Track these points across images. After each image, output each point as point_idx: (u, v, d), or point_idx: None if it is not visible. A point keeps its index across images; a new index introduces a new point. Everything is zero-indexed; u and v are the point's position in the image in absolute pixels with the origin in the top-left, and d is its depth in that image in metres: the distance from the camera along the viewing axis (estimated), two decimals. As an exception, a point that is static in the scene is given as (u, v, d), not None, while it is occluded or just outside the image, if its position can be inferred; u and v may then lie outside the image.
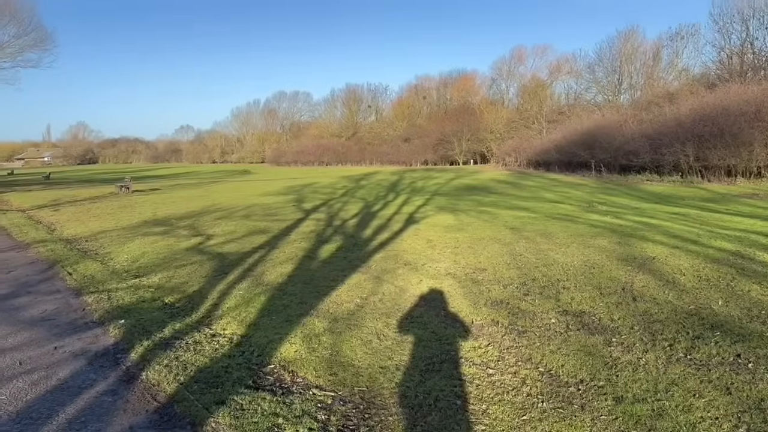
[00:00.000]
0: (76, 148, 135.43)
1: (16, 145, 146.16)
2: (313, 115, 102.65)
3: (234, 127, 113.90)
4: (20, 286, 6.70)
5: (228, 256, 8.35)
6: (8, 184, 39.10)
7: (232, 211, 15.00)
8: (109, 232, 11.65)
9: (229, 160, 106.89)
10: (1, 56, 25.42)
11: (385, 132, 75.35)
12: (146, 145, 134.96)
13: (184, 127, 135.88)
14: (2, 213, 16.95)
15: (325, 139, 79.93)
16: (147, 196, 22.63)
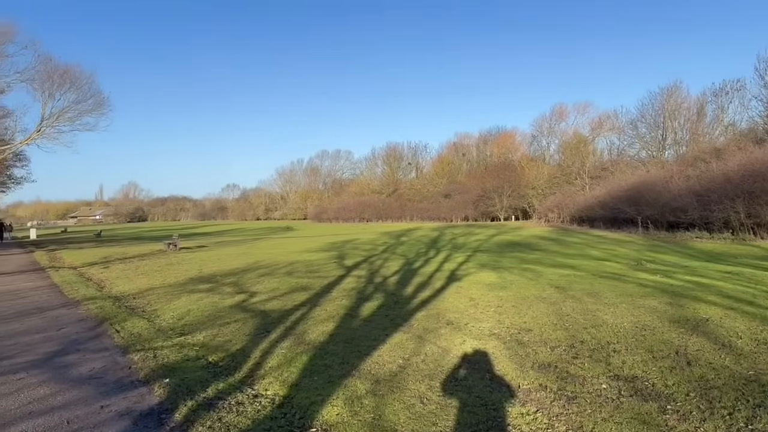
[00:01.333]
0: (127, 206, 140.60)
1: (70, 203, 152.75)
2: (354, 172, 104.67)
3: (278, 185, 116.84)
4: (70, 343, 6.84)
5: (270, 314, 8.38)
6: (61, 242, 40.61)
7: (275, 268, 15.15)
8: (157, 289, 11.90)
9: (272, 217, 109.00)
10: (62, 121, 26.87)
11: (425, 188, 75.88)
12: (194, 203, 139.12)
13: (230, 186, 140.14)
14: (55, 270, 17.54)
15: (366, 196, 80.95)
16: (194, 253, 23.12)
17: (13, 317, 8.98)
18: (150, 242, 33.61)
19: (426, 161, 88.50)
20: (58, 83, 26.16)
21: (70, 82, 26.52)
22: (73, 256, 23.73)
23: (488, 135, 78.34)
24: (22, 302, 10.72)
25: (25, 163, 35.42)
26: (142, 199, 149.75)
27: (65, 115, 26.79)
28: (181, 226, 78.62)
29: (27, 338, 7.24)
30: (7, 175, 35.14)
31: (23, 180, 37.01)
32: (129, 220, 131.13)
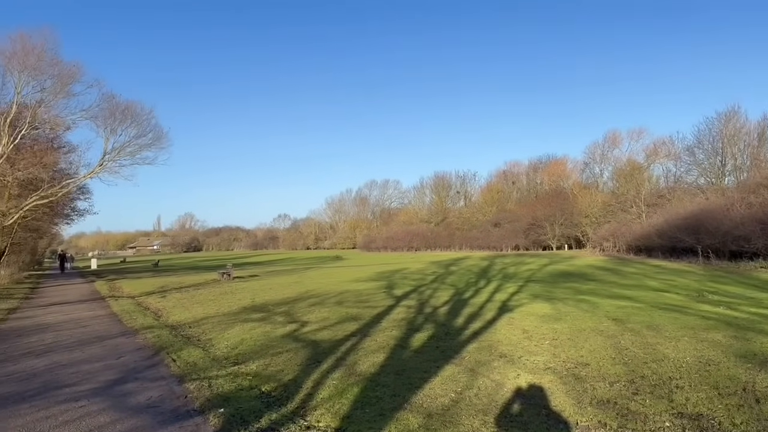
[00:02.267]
0: (183, 236, 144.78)
1: (129, 234, 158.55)
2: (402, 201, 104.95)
3: (327, 215, 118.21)
4: (129, 372, 7.03)
5: (321, 344, 8.41)
6: (120, 272, 42.08)
7: (325, 298, 15.24)
8: (211, 318, 12.14)
9: (322, 247, 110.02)
10: (123, 155, 27.97)
11: (474, 217, 75.27)
12: (246, 233, 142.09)
13: (281, 216, 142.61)
14: (114, 300, 18.16)
15: (415, 225, 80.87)
16: (246, 282, 23.54)
17: (76, 345, 9.31)
18: (205, 272, 34.42)
19: (475, 189, 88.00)
20: (120, 119, 27.36)
21: (131, 119, 27.71)
22: (131, 286, 24.54)
23: (538, 162, 77.43)
24: (83, 331, 11.11)
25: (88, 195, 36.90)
26: (197, 230, 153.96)
27: (126, 150, 27.91)
28: (234, 256, 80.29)
29: (88, 366, 7.48)
30: (71, 207, 36.69)
31: (86, 212, 38.53)
32: (185, 250, 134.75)
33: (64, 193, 27.94)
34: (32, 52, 23.38)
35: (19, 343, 9.87)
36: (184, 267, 46.48)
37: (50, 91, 24.58)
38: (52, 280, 35.55)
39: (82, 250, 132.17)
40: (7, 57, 23.15)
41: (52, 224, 40.42)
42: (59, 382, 6.56)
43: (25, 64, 23.27)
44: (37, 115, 24.56)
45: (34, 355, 8.60)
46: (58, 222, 41.13)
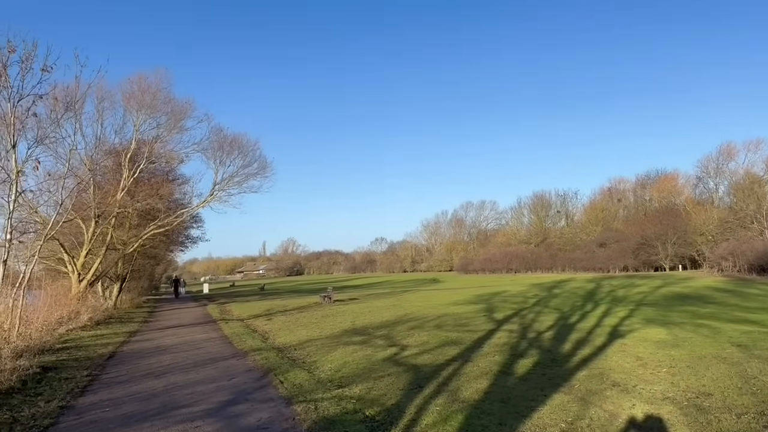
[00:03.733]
0: (286, 261, 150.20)
1: (237, 259, 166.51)
2: (500, 222, 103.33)
3: (423, 237, 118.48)
4: (239, 393, 7.31)
5: (422, 369, 8.36)
6: (230, 295, 44.23)
7: (424, 321, 15.18)
8: (315, 341, 12.44)
9: (418, 269, 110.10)
10: (231, 185, 29.63)
11: (577, 237, 72.53)
12: (345, 257, 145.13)
13: (378, 239, 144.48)
14: (225, 322, 19.07)
15: (513, 246, 79.02)
16: (346, 305, 23.95)
17: (191, 367, 9.83)
18: (307, 295, 35.44)
19: (577, 208, 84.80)
20: (228, 151, 29.06)
21: (238, 150, 29.35)
22: (240, 309, 25.71)
23: (646, 178, 73.57)
24: (197, 353, 11.73)
25: (200, 224, 39.47)
26: (299, 254, 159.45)
27: (234, 180, 29.55)
28: (333, 279, 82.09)
29: (202, 387, 7.86)
30: (185, 235, 39.28)
31: (198, 239, 41.18)
32: (288, 274, 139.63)
33: (179, 222, 29.92)
34: (148, 91, 25.40)
35: (140, 364, 10.56)
36: (288, 290, 48.12)
37: (165, 127, 26.56)
38: (168, 304, 37.92)
39: (194, 275, 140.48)
40: (126, 97, 25.27)
41: (168, 251, 43.36)
42: (176, 403, 6.94)
43: (142, 103, 25.30)
44: (153, 150, 26.56)
45: (154, 375, 9.17)
46: (174, 249, 44.10)
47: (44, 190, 18.99)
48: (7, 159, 12.30)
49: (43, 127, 14.00)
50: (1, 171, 12.34)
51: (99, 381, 8.94)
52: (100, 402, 7.27)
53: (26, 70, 11.63)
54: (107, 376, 9.43)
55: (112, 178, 25.81)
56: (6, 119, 11.90)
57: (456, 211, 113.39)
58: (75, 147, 21.47)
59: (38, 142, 13.54)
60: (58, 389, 8.13)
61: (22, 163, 12.57)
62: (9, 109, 11.77)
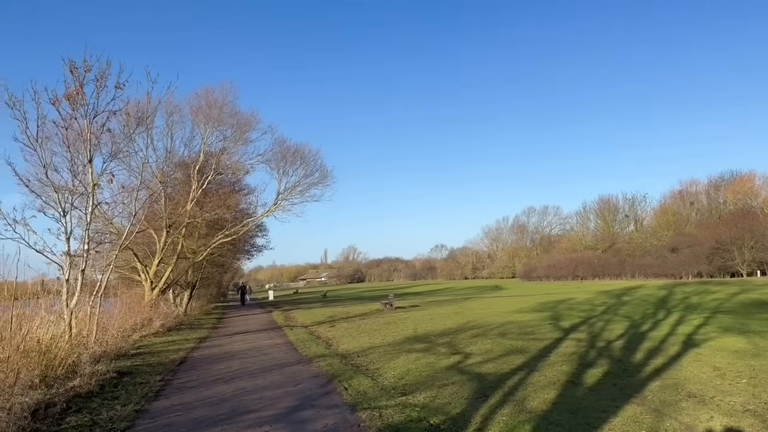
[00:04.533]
0: (347, 268, 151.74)
1: (300, 267, 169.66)
2: (564, 228, 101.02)
3: (484, 244, 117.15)
4: (305, 399, 7.42)
5: (487, 377, 8.23)
6: (294, 302, 45.02)
7: (487, 329, 14.97)
8: (377, 348, 12.48)
9: (480, 276, 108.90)
10: (293, 194, 30.28)
11: (647, 242, 69.88)
12: (405, 264, 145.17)
13: (438, 246, 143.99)
14: (290, 329, 19.42)
15: (579, 253, 76.95)
16: (408, 312, 23.93)
17: (258, 372, 10.06)
18: (368, 302, 35.65)
19: (646, 212, 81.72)
20: (291, 161, 29.72)
21: (300, 160, 29.96)
22: (304, 316, 26.14)
23: (720, 180, 70.21)
24: (264, 358, 11.99)
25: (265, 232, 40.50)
26: (360, 261, 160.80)
27: (296, 189, 30.18)
28: (394, 286, 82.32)
29: (270, 393, 8.02)
30: (251, 243, 40.36)
31: (263, 248, 42.27)
32: (349, 281, 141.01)
33: (245, 231, 30.77)
34: (215, 105, 26.31)
35: (210, 369, 10.89)
36: (350, 297, 48.55)
37: (231, 139, 27.44)
38: (235, 310, 39.02)
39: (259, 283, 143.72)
40: (194, 111, 26.28)
41: (234, 259, 44.65)
42: (245, 408, 7.10)
43: (209, 117, 26.22)
44: (220, 162, 27.46)
45: (223, 381, 9.43)
46: (240, 257, 45.39)
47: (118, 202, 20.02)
48: (84, 173, 12.99)
49: (117, 141, 14.74)
50: (79, 184, 13.03)
51: (171, 386, 9.26)
52: (173, 406, 7.53)
53: (101, 87, 12.31)
54: (179, 381, 9.77)
55: (182, 189, 26.83)
56: (83, 135, 12.59)
57: (518, 216, 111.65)
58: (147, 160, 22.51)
59: (112, 156, 14.28)
60: (133, 393, 8.48)
61: (98, 176, 13.26)
62: (85, 125, 12.45)
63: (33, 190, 13.07)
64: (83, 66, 11.93)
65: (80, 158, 12.94)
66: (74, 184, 12.89)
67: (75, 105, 12.12)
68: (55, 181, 12.66)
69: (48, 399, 7.42)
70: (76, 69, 11.90)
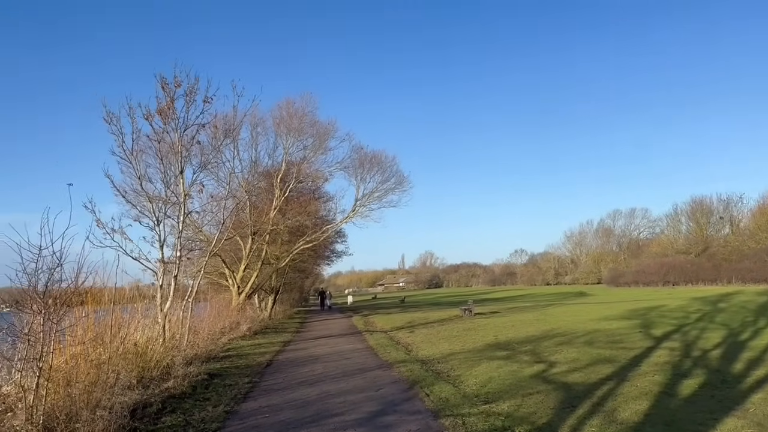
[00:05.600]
0: (425, 273, 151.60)
1: (378, 272, 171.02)
2: (653, 231, 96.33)
3: (567, 249, 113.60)
4: (387, 404, 7.46)
5: (573, 387, 7.96)
6: (373, 307, 45.47)
7: (572, 337, 14.51)
8: (457, 354, 12.38)
9: (562, 282, 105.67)
10: (371, 200, 30.67)
11: (744, 245, 65.35)
12: (484, 269, 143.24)
13: (518, 251, 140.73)
14: (369, 333, 19.63)
15: (670, 257, 73.03)
16: (488, 319, 23.59)
17: (341, 376, 10.23)
18: (447, 308, 35.42)
19: (743, 214, 76.39)
20: (368, 168, 30.13)
21: (377, 166, 30.32)
22: (383, 321, 26.34)
23: (826, 177, 65.00)
24: (346, 363, 12.18)
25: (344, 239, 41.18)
26: (437, 267, 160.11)
27: (374, 195, 30.56)
28: (473, 292, 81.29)
29: (352, 397, 8.14)
30: (331, 249, 41.13)
31: (342, 253, 42.98)
32: (427, 287, 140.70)
33: (325, 237, 31.43)
34: (295, 115, 27.13)
35: (295, 372, 11.18)
36: (428, 303, 48.47)
37: (311, 148, 28.22)
38: (316, 315, 39.88)
39: (339, 288, 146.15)
40: (276, 122, 27.22)
41: (315, 265, 45.68)
42: (329, 411, 7.23)
43: (290, 127, 27.07)
44: (301, 171, 28.26)
45: (307, 384, 9.65)
46: (320, 263, 46.37)
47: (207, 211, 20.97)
48: (176, 184, 13.72)
49: (206, 153, 15.44)
50: (171, 194, 13.77)
51: (258, 388, 9.59)
52: (260, 408, 7.79)
53: (190, 102, 12.97)
54: (266, 383, 10.09)
55: (265, 197, 27.81)
56: (174, 148, 13.29)
57: (603, 220, 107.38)
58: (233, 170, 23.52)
59: (202, 167, 14.97)
60: (223, 395, 8.83)
61: (188, 186, 13.95)
62: (176, 138, 13.14)
63: (129, 200, 13.96)
64: (174, 82, 12.63)
65: (172, 170, 13.68)
66: (167, 194, 13.65)
67: (167, 119, 12.84)
68: (150, 192, 13.45)
69: (145, 399, 7.86)
70: (167, 85, 12.61)
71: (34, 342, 5.93)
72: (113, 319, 9.08)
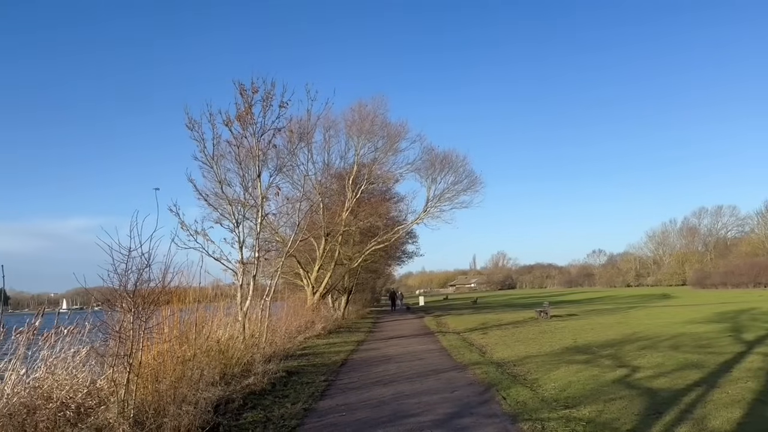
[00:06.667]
0: (497, 274, 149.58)
1: (449, 273, 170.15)
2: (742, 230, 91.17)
3: (648, 249, 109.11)
4: (463, 406, 7.38)
5: (659, 393, 7.60)
6: (444, 308, 45.28)
7: (656, 341, 13.87)
8: (534, 357, 12.09)
9: (644, 284, 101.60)
10: (442, 201, 30.53)
11: None
12: (559, 270, 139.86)
13: (595, 252, 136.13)
14: (442, 334, 19.54)
15: (761, 257, 68.80)
16: (564, 321, 22.95)
17: (415, 377, 10.23)
18: (521, 309, 34.78)
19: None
20: (439, 169, 30.03)
21: (449, 167, 30.15)
22: (455, 322, 26.16)
23: None
24: (420, 363, 12.18)
25: (415, 239, 41.31)
26: (510, 267, 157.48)
27: (445, 196, 30.41)
28: (548, 294, 79.39)
29: (427, 398, 8.11)
30: (402, 250, 41.31)
31: (413, 254, 43.10)
32: (499, 288, 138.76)
33: (396, 238, 31.56)
34: (367, 118, 27.41)
35: (369, 372, 11.29)
36: (500, 304, 47.76)
37: (382, 149, 28.42)
38: (388, 315, 40.14)
39: (409, 289, 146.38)
40: (348, 125, 27.60)
41: (386, 266, 46.03)
42: (404, 412, 7.24)
43: (362, 129, 27.37)
44: (372, 172, 28.53)
45: (382, 383, 9.72)
46: (391, 263, 46.69)
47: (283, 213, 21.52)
48: (254, 187, 14.17)
49: (281, 157, 15.85)
50: (249, 197, 14.23)
51: (334, 386, 9.74)
52: (337, 406, 7.91)
53: (267, 107, 13.35)
54: (341, 382, 10.24)
55: (337, 199, 28.26)
56: (252, 152, 13.73)
57: (687, 218, 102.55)
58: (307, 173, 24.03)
59: (278, 170, 15.39)
60: (301, 392, 9.03)
61: (265, 189, 14.37)
62: (254, 143, 13.56)
63: (210, 203, 14.54)
64: (251, 88, 13.04)
65: (250, 173, 14.15)
66: (245, 197, 14.13)
67: (245, 124, 13.30)
68: (229, 195, 13.97)
69: (227, 395, 8.14)
70: (245, 91, 13.04)
71: (124, 339, 6.26)
72: (197, 317, 9.48)
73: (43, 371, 6.59)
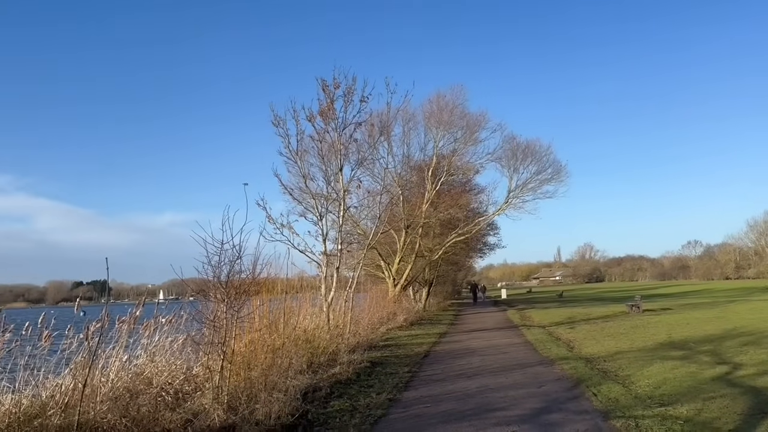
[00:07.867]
0: (584, 267, 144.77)
1: (532, 266, 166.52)
2: None
3: (750, 239, 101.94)
4: (551, 402, 7.19)
5: (764, 392, 7.09)
6: (528, 302, 44.37)
7: (760, 337, 12.95)
8: (625, 353, 11.59)
9: (745, 276, 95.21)
10: (525, 191, 29.82)
11: None
12: (651, 263, 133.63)
13: (691, 243, 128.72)
14: (526, 328, 19.15)
15: None
16: (658, 316, 21.86)
17: (499, 371, 10.09)
18: (610, 303, 33.48)
19: None
20: (521, 158, 29.32)
21: (531, 156, 29.37)
22: (540, 315, 25.57)
23: None
24: (504, 357, 12.00)
25: (496, 231, 40.54)
26: (597, 260, 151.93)
27: (528, 186, 29.68)
28: (639, 287, 76.08)
29: (513, 392, 7.98)
30: (483, 242, 40.70)
31: (495, 246, 42.32)
32: (586, 281, 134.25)
33: (477, 230, 31.20)
34: (446, 109, 27.19)
35: (453, 364, 11.24)
36: (588, 298, 46.19)
37: (461, 140, 28.12)
38: (469, 308, 39.83)
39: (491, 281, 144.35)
40: (427, 116, 27.49)
41: (467, 258, 45.53)
42: (490, 405, 7.15)
43: (440, 121, 27.19)
44: (452, 163, 28.32)
45: (466, 376, 9.65)
46: (472, 256, 46.12)
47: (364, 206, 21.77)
48: (336, 181, 14.43)
49: (362, 150, 16.01)
50: (332, 191, 14.52)
51: (418, 378, 9.77)
52: (421, 398, 7.93)
53: (348, 102, 13.55)
54: (424, 373, 10.26)
55: (417, 191, 28.25)
56: (334, 147, 13.99)
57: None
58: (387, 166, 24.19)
59: (359, 164, 15.56)
60: (385, 383, 9.12)
61: (347, 183, 14.60)
62: (336, 137, 13.80)
63: (295, 197, 14.96)
64: (333, 84, 13.27)
65: (332, 167, 14.43)
66: (328, 191, 14.43)
67: (327, 120, 13.58)
68: (312, 189, 14.31)
69: (314, 383, 8.38)
70: (327, 87, 13.29)
71: (218, 327, 6.56)
72: (285, 307, 9.78)
73: (144, 358, 7.03)
